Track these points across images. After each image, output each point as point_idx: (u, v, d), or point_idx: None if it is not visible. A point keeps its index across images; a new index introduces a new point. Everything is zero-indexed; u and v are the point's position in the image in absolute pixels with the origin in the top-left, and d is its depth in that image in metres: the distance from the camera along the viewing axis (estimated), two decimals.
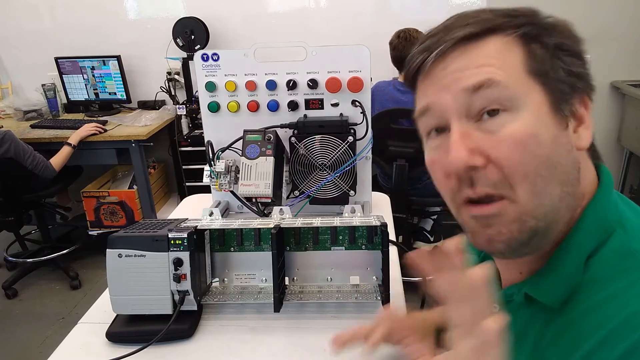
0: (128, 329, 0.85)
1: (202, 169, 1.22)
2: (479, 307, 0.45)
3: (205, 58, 1.18)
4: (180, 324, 0.84)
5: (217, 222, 0.92)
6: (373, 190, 1.27)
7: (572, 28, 0.51)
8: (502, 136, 0.47)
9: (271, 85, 1.17)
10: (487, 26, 0.49)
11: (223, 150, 1.19)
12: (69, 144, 2.58)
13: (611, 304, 0.46)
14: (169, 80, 3.13)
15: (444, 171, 0.52)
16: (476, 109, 0.49)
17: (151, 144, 2.78)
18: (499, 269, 0.62)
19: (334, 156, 1.14)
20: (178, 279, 0.82)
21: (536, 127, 0.47)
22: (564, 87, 0.49)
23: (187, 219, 0.95)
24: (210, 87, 1.19)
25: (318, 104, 1.18)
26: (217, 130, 1.22)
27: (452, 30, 0.50)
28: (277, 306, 0.85)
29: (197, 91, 2.75)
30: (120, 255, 0.82)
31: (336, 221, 0.90)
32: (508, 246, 0.50)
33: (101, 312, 0.91)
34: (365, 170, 1.22)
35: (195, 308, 0.86)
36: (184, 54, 2.97)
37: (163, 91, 3.11)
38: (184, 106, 2.92)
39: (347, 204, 1.12)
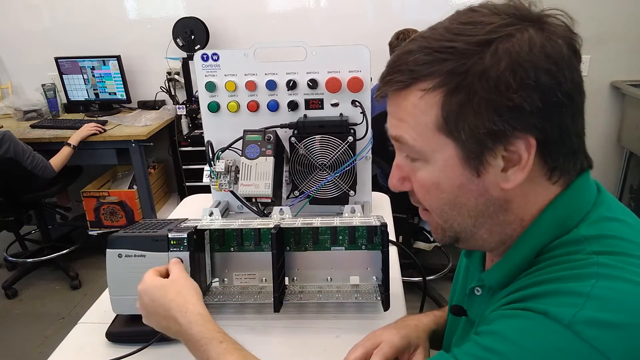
0: (128, 329, 0.85)
1: (202, 169, 1.22)
2: None
3: (205, 58, 1.18)
4: None
5: (217, 222, 0.92)
6: (373, 190, 1.27)
7: (520, 66, 0.47)
8: (415, 178, 0.57)
9: (271, 85, 1.17)
10: (413, 76, 0.51)
11: (223, 150, 1.19)
12: (69, 145, 2.58)
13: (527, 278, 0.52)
14: (169, 80, 3.12)
15: None
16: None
17: (151, 144, 2.78)
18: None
19: (334, 156, 1.14)
20: None
21: (440, 177, 0.54)
22: (473, 147, 0.51)
23: (187, 219, 0.95)
24: (210, 87, 1.19)
25: (318, 104, 1.18)
26: (217, 130, 1.22)
27: (397, 66, 0.53)
28: (277, 306, 0.85)
29: (197, 91, 2.75)
30: (120, 255, 0.82)
31: (336, 221, 0.90)
32: (444, 242, 0.60)
33: (101, 312, 0.91)
34: (365, 170, 1.22)
35: None
36: (184, 54, 2.97)
37: (163, 91, 3.11)
38: (184, 106, 2.92)
39: (347, 204, 1.12)
